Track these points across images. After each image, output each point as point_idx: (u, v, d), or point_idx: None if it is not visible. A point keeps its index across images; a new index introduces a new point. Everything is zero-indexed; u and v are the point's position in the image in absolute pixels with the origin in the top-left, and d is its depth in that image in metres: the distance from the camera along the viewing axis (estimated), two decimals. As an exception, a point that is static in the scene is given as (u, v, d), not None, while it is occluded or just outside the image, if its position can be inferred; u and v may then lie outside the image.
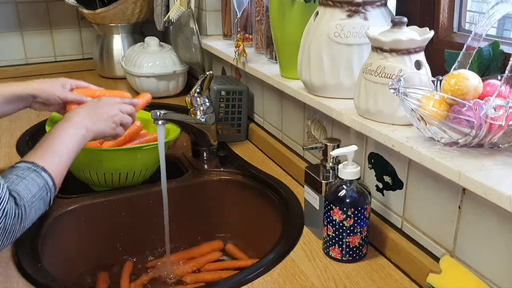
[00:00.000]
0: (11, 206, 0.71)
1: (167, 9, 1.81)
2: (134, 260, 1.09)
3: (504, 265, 0.66)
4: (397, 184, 0.85)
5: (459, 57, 0.76)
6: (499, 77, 0.73)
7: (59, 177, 0.81)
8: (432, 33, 0.80)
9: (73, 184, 1.12)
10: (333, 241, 0.85)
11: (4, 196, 0.70)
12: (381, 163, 0.88)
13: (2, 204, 0.69)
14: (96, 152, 1.08)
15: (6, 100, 0.97)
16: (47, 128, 1.08)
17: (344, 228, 0.83)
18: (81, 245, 1.05)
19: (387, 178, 0.87)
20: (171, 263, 1.07)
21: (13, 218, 0.71)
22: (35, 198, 0.75)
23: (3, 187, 0.70)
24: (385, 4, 0.92)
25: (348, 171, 0.82)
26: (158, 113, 1.00)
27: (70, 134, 0.86)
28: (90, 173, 1.08)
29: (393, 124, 0.82)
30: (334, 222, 0.83)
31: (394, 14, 0.99)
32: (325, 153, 0.89)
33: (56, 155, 0.81)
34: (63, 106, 1.02)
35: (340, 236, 0.84)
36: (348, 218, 0.82)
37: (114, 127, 0.94)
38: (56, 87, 1.00)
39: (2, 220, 0.69)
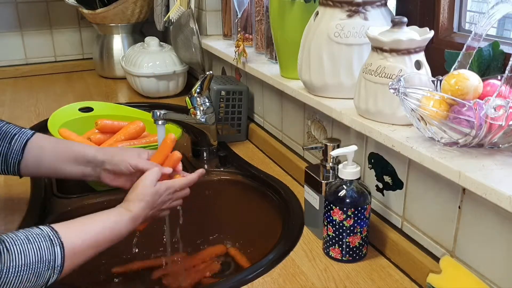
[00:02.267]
0: None
1: (167, 9, 1.81)
2: (134, 261, 1.09)
3: (504, 265, 0.66)
4: (397, 184, 0.85)
5: (459, 57, 0.76)
6: (499, 77, 0.73)
7: (75, 258, 0.72)
8: (432, 33, 0.80)
9: (73, 184, 1.12)
10: (333, 241, 0.85)
11: None
12: (381, 163, 0.88)
13: None
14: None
15: (75, 160, 0.92)
16: (49, 127, 1.07)
17: (344, 228, 0.83)
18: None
19: (387, 178, 0.87)
20: (171, 264, 1.07)
21: None
22: (27, 267, 0.65)
23: None
24: (385, 4, 0.92)
25: (348, 171, 0.82)
26: (158, 113, 1.00)
27: (115, 222, 0.80)
28: (91, 173, 1.07)
29: (393, 124, 0.82)
30: (334, 222, 0.83)
31: (394, 14, 0.99)
32: (325, 153, 0.89)
33: (84, 233, 0.74)
34: (131, 179, 0.92)
35: (340, 236, 0.84)
36: (348, 218, 0.82)
37: (158, 214, 0.90)
38: (130, 155, 0.93)
39: None
